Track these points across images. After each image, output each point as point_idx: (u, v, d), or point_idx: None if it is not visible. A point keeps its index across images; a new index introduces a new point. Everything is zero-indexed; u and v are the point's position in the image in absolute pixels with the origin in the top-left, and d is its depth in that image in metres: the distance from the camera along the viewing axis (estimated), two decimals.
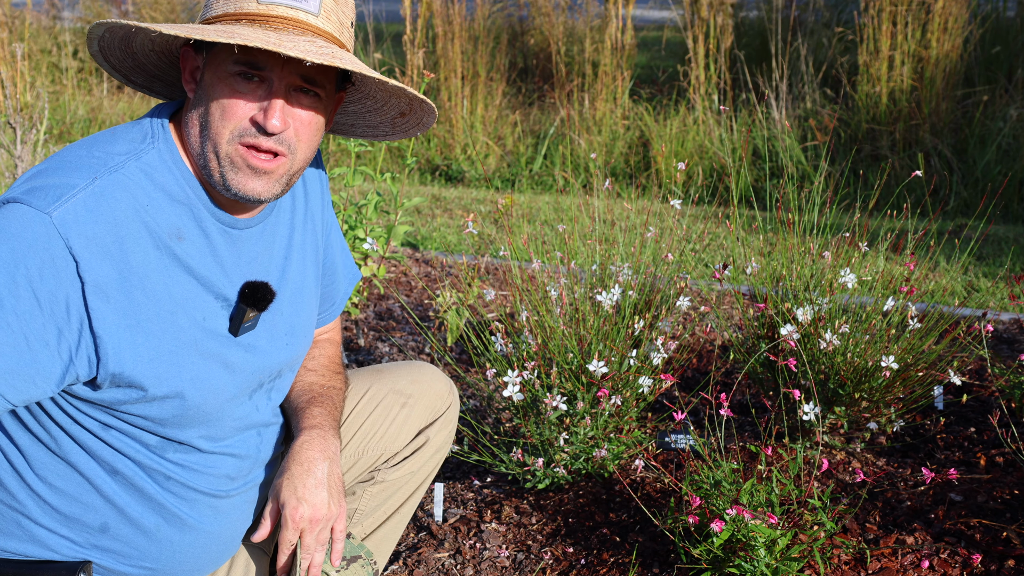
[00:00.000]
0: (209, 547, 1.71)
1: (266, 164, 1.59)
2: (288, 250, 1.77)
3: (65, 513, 1.60)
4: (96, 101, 7.87)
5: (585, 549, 2.38)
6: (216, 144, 1.57)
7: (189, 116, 1.61)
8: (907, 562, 2.24)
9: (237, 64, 1.55)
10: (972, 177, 6.00)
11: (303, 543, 1.72)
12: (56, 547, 1.60)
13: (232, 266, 1.66)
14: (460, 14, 7.12)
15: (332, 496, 1.74)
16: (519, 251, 3.41)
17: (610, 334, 2.63)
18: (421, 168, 7.11)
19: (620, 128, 6.85)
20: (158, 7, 8.70)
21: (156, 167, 1.58)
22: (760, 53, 7.53)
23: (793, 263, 2.89)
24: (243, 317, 1.65)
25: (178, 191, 1.59)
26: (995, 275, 4.39)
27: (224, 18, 1.57)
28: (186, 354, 1.59)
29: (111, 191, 1.51)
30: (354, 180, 3.41)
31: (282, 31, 1.55)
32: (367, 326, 3.82)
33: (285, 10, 1.56)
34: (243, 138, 1.57)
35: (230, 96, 1.55)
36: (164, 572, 1.68)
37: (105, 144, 1.58)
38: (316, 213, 1.85)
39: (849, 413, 2.72)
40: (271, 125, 1.55)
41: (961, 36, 6.34)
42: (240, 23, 1.55)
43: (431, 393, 2.03)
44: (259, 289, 1.67)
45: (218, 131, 1.57)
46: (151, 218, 1.55)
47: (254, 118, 1.56)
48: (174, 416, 1.60)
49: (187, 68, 1.62)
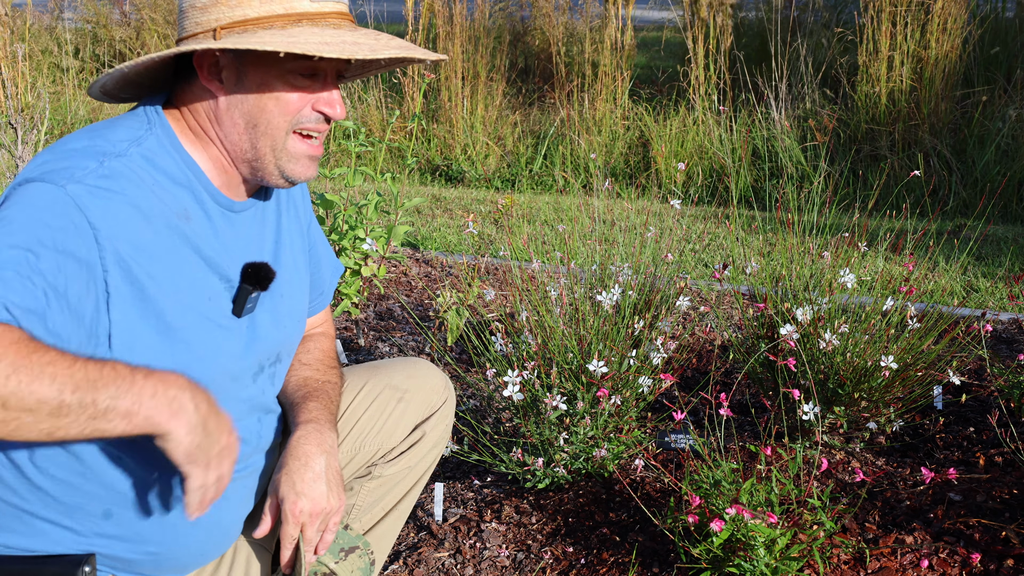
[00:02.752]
0: (211, 531, 1.72)
1: (319, 150, 1.69)
2: (278, 233, 1.81)
3: (67, 503, 1.60)
4: (96, 101, 7.87)
5: (585, 549, 2.38)
6: (273, 137, 1.64)
7: (221, 112, 1.64)
8: (906, 561, 2.24)
9: (298, 62, 1.60)
10: (971, 177, 6.00)
11: (305, 536, 1.73)
12: (59, 539, 1.61)
13: (232, 248, 1.69)
14: (461, 14, 7.13)
15: (331, 489, 1.75)
16: (519, 251, 3.41)
17: (610, 334, 2.63)
18: (421, 168, 7.12)
19: (620, 128, 6.86)
20: (158, 7, 8.71)
21: (156, 152, 1.61)
22: (760, 53, 7.53)
23: (793, 263, 2.90)
24: (246, 297, 1.68)
25: (179, 174, 1.63)
26: (994, 275, 4.39)
27: (276, 19, 1.60)
28: (194, 331, 1.61)
29: (120, 172, 1.54)
30: (354, 180, 3.42)
31: (342, 28, 1.62)
32: (367, 326, 3.83)
33: (334, 4, 1.63)
34: (301, 126, 1.65)
35: (291, 91, 1.62)
36: (168, 557, 1.69)
37: (106, 132, 1.61)
38: (298, 199, 1.91)
39: (848, 413, 2.72)
40: (338, 114, 1.66)
41: (960, 36, 6.34)
42: (301, 24, 1.60)
43: (427, 388, 2.05)
44: (261, 269, 1.71)
45: (276, 125, 1.63)
46: (158, 199, 1.58)
47: (315, 107, 1.64)
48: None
49: (204, 66, 1.63)
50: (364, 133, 3.63)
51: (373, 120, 7.19)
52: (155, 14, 8.66)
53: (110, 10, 9.02)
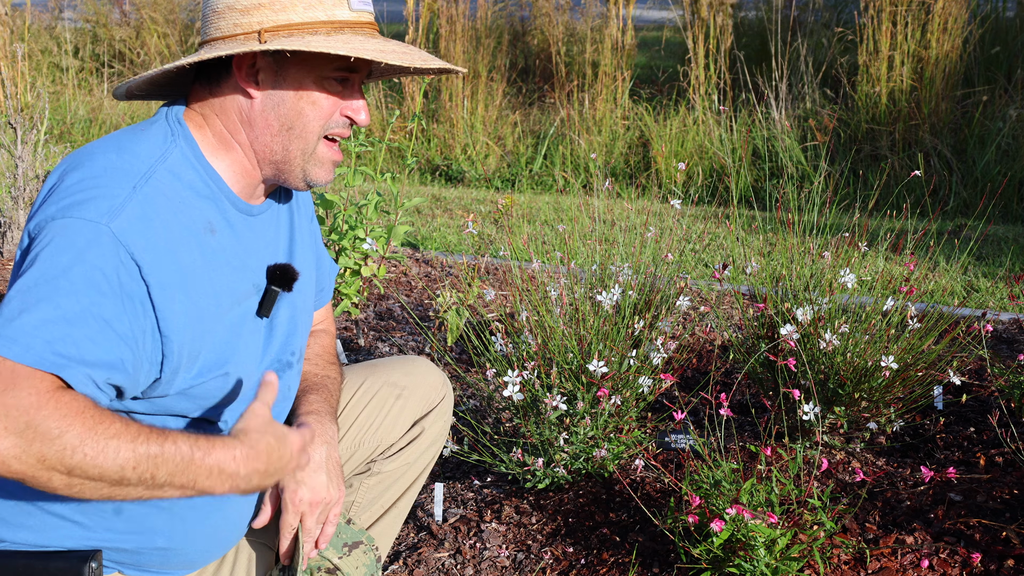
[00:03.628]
0: (219, 526, 1.72)
1: (340, 156, 1.74)
2: (292, 232, 1.85)
3: (79, 499, 1.60)
4: (96, 101, 7.88)
5: (585, 549, 2.38)
6: (306, 140, 1.68)
7: (255, 114, 1.66)
8: (907, 562, 2.24)
9: (338, 70, 1.65)
10: (972, 177, 6.00)
11: (304, 526, 1.74)
12: (67, 535, 1.61)
13: (255, 251, 1.72)
14: (462, 15, 7.13)
15: (331, 480, 1.77)
16: (519, 251, 3.41)
17: (610, 334, 2.63)
18: (421, 168, 7.12)
19: (620, 128, 6.86)
20: (158, 7, 8.71)
21: (181, 166, 1.63)
22: (760, 53, 7.53)
23: (793, 263, 2.89)
24: (273, 298, 1.72)
25: (202, 186, 1.65)
26: (994, 275, 4.39)
27: (320, 25, 1.63)
28: (233, 339, 1.65)
29: (152, 197, 1.56)
30: (354, 180, 3.42)
31: (377, 38, 1.67)
32: (367, 326, 3.83)
33: (367, 15, 1.69)
34: (331, 131, 1.69)
35: (328, 95, 1.67)
36: (176, 552, 1.69)
37: (131, 146, 1.62)
38: (301, 198, 1.93)
39: (849, 413, 2.72)
40: (363, 120, 1.70)
41: (961, 36, 6.34)
42: (343, 32, 1.64)
43: (425, 385, 2.07)
44: (288, 271, 1.74)
45: (312, 128, 1.67)
46: (187, 216, 1.60)
47: (345, 113, 1.69)
48: (216, 398, 1.65)
49: (243, 67, 1.66)
50: (364, 133, 3.63)
51: (373, 120, 7.19)
52: (155, 13, 8.66)
53: (110, 10, 9.02)
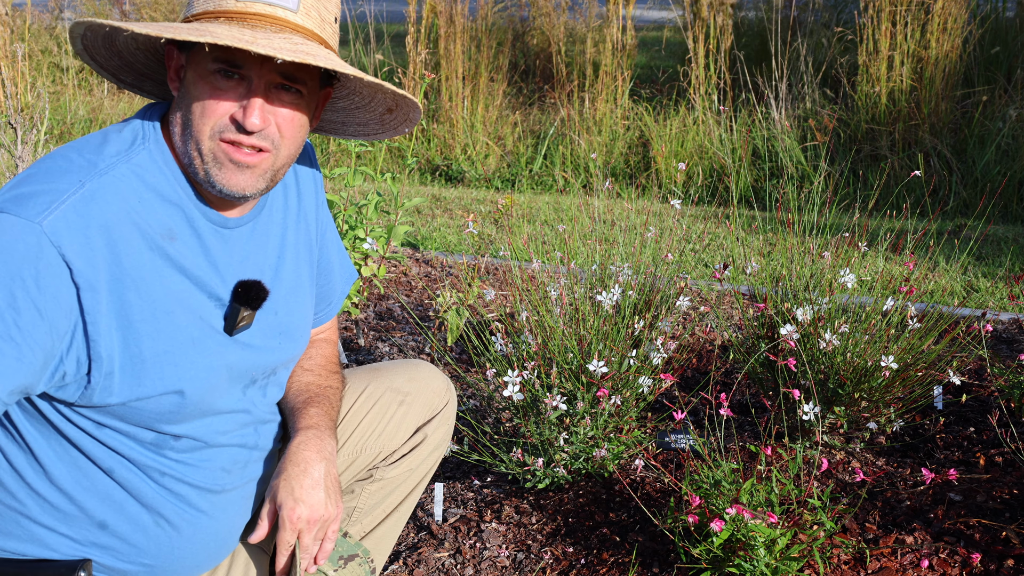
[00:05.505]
0: (207, 543, 1.71)
1: (249, 158, 1.60)
2: (281, 249, 1.78)
3: (64, 511, 1.60)
4: (96, 101, 7.88)
5: (585, 549, 2.38)
6: (198, 141, 1.58)
7: (174, 115, 1.61)
8: (906, 562, 2.24)
9: (216, 62, 1.55)
10: (971, 177, 6.00)
11: (302, 543, 1.72)
12: (56, 546, 1.61)
13: (225, 265, 1.66)
14: (463, 14, 7.13)
15: (329, 496, 1.74)
16: (519, 251, 3.41)
17: (610, 334, 2.63)
18: (421, 168, 7.11)
19: (620, 128, 6.86)
20: (157, 7, 8.70)
21: (147, 167, 1.59)
22: (760, 53, 7.53)
23: (793, 263, 2.89)
24: (237, 316, 1.65)
25: (169, 191, 1.60)
26: (994, 275, 4.39)
27: (203, 16, 1.58)
28: (182, 353, 1.59)
29: (100, 194, 1.52)
30: (354, 180, 3.42)
31: (258, 28, 1.55)
32: (367, 326, 3.83)
33: (263, 7, 1.57)
34: (223, 135, 1.58)
35: (210, 94, 1.56)
36: (163, 569, 1.68)
37: (95, 146, 1.58)
38: (309, 212, 1.86)
39: (849, 413, 2.72)
40: (250, 123, 1.56)
41: (960, 36, 6.34)
42: (218, 21, 1.56)
43: (428, 390, 2.04)
44: (252, 288, 1.67)
45: (199, 128, 1.57)
46: (142, 219, 1.56)
47: (234, 116, 1.57)
48: (170, 412, 1.61)
49: (171, 66, 1.62)
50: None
51: None
52: (155, 13, 8.66)
53: (110, 10, 9.02)
